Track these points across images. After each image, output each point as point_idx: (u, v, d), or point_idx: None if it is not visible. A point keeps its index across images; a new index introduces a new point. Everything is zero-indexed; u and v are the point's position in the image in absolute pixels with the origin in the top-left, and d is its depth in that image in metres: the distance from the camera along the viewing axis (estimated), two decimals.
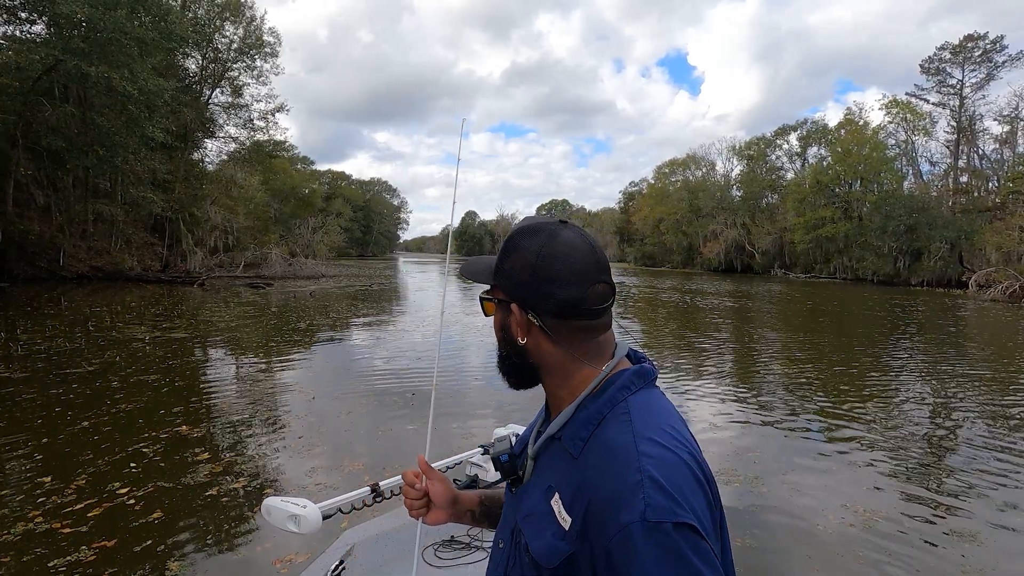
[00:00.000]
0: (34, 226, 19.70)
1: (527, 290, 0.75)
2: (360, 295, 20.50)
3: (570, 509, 0.66)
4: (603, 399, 0.71)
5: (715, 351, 10.10)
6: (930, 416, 6.16)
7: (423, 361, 8.23)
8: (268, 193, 38.82)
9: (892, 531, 3.52)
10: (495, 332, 0.81)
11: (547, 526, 0.68)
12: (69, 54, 17.22)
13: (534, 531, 0.70)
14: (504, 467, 0.80)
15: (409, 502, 0.94)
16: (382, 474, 3.94)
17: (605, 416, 0.70)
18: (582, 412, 0.72)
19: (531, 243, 0.75)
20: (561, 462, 0.71)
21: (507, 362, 0.81)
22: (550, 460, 0.75)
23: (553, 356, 0.76)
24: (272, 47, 30.37)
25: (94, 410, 5.36)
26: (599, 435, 0.68)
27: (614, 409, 0.70)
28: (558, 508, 0.67)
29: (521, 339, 0.76)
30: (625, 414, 0.69)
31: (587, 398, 0.73)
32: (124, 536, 3.18)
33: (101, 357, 7.72)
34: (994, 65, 39.96)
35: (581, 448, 0.69)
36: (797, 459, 4.74)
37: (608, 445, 0.66)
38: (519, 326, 0.76)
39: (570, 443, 0.71)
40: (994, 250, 30.10)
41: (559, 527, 0.66)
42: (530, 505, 0.73)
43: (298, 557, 3.07)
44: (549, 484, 0.71)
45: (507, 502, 0.84)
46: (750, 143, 61.80)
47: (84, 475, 3.93)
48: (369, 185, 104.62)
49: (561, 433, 0.73)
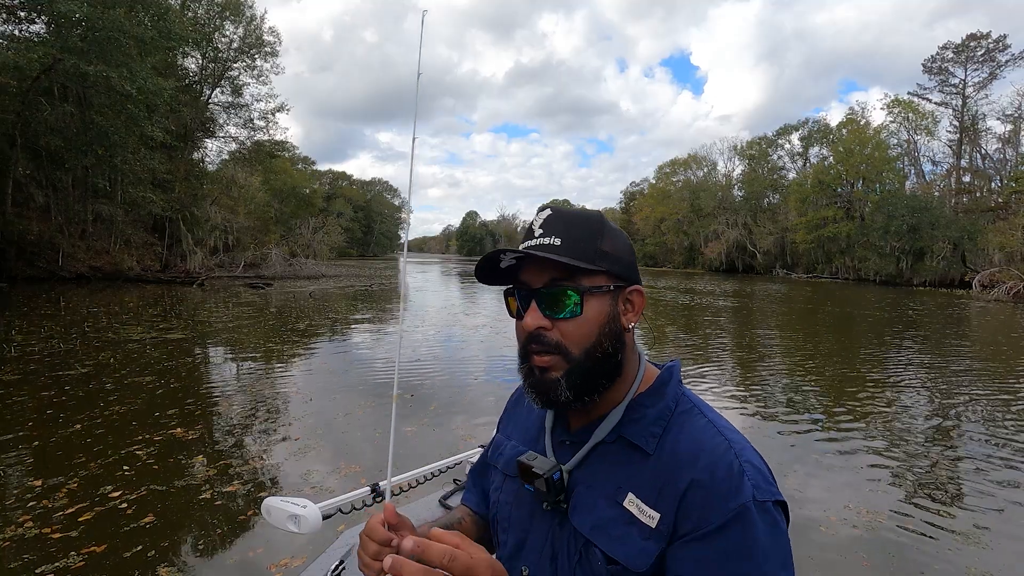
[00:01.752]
0: (33, 226, 19.64)
1: (635, 271, 0.74)
2: (360, 295, 20.45)
3: (656, 505, 0.64)
4: (668, 396, 0.72)
5: (716, 351, 10.03)
6: (934, 417, 6.10)
7: (422, 362, 8.17)
8: (269, 193, 38.81)
9: (896, 532, 3.48)
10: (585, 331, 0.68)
11: (629, 529, 0.65)
12: (67, 53, 17.17)
13: (614, 539, 0.66)
14: (556, 486, 0.70)
15: None
16: (380, 475, 3.86)
17: (674, 411, 0.71)
18: (643, 411, 0.71)
19: (614, 226, 0.74)
20: (626, 463, 0.69)
21: (606, 362, 0.70)
22: (602, 466, 0.71)
23: (630, 348, 0.74)
24: (272, 46, 30.35)
25: (87, 412, 5.28)
26: (675, 429, 0.69)
27: (679, 404, 0.72)
28: (637, 508, 0.65)
29: (630, 326, 0.73)
30: (693, 407, 0.71)
31: (639, 395, 0.73)
32: (114, 541, 3.11)
33: (95, 358, 7.64)
34: (997, 64, 39.92)
35: (656, 444, 0.68)
36: (799, 460, 4.69)
37: (693, 437, 0.67)
38: (636, 312, 0.73)
39: (642, 440, 0.69)
40: (997, 250, 29.99)
41: (644, 527, 0.64)
42: (596, 516, 0.68)
43: (294, 561, 3.00)
44: (617, 487, 0.68)
45: (525, 515, 0.76)
46: (752, 143, 61.81)
47: (76, 478, 3.86)
48: (370, 185, 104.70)
49: (616, 436, 0.71)
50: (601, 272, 0.70)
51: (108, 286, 19.80)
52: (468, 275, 38.28)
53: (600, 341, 0.69)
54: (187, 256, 26.20)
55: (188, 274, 23.91)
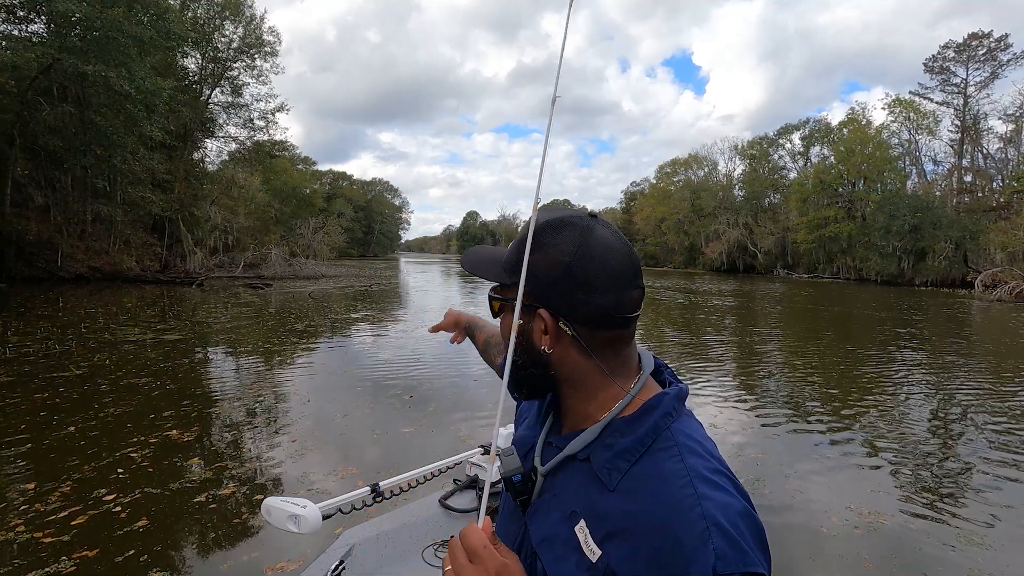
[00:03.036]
0: (32, 226, 19.59)
1: (558, 293, 0.66)
2: (359, 295, 20.40)
3: (602, 544, 0.59)
4: (645, 428, 0.64)
5: (717, 351, 9.98)
6: (936, 417, 6.06)
7: (421, 363, 8.11)
8: (269, 193, 38.75)
9: (897, 533, 3.46)
10: (502, 334, 0.73)
11: (569, 554, 0.62)
12: (66, 53, 17.13)
13: (556, 559, 0.63)
14: (517, 488, 0.70)
15: None
16: (378, 477, 3.82)
17: (649, 447, 0.63)
18: (616, 437, 0.65)
19: (563, 240, 0.66)
20: (588, 487, 0.64)
21: (523, 372, 0.70)
22: (570, 482, 0.67)
23: (581, 369, 0.68)
24: (272, 46, 30.26)
25: (81, 414, 5.22)
26: (643, 468, 0.61)
27: (658, 439, 0.63)
28: (584, 537, 0.61)
29: (548, 348, 0.67)
30: (672, 446, 0.62)
31: (619, 419, 0.66)
32: (107, 545, 3.06)
33: (91, 360, 7.57)
34: (998, 64, 39.87)
35: (619, 480, 0.62)
36: (800, 460, 4.66)
37: (659, 482, 0.59)
38: (547, 334, 0.67)
39: (604, 472, 0.63)
40: (999, 250, 29.92)
41: (584, 558, 0.60)
42: (547, 528, 0.66)
43: (291, 564, 2.96)
44: (573, 510, 0.64)
45: (508, 511, 0.76)
46: (753, 143, 61.77)
47: (69, 482, 3.81)
48: (371, 185, 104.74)
49: (588, 455, 0.66)
50: (509, 286, 0.70)
51: (107, 286, 19.75)
52: (468, 276, 38.18)
53: (519, 350, 0.68)
54: (187, 256, 26.16)
55: (187, 274, 23.84)
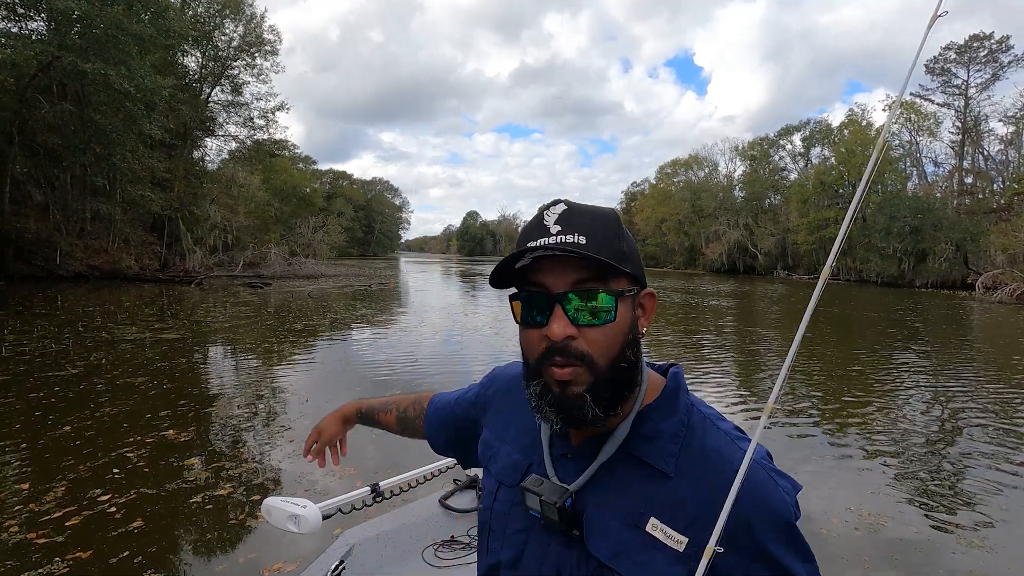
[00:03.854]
0: (31, 224, 19.56)
1: (644, 274, 0.68)
2: (358, 295, 20.36)
3: (685, 530, 0.60)
4: (680, 408, 0.67)
5: (716, 352, 9.94)
6: (937, 418, 6.02)
7: (419, 364, 8.07)
8: (269, 192, 38.70)
9: (898, 534, 3.43)
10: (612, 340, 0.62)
11: (653, 555, 0.60)
12: (65, 51, 17.09)
13: (638, 565, 0.61)
14: (569, 515, 0.64)
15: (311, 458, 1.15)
16: (377, 477, 3.78)
17: (689, 425, 0.65)
18: (653, 425, 0.65)
19: (620, 222, 0.67)
20: (641, 483, 0.63)
21: (630, 372, 0.64)
22: (615, 484, 0.65)
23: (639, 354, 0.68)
24: (272, 45, 30.25)
25: (77, 414, 5.18)
26: (692, 447, 0.64)
27: (692, 416, 0.66)
28: (662, 533, 0.60)
29: (643, 331, 0.68)
30: (704, 419, 0.66)
31: (651, 407, 0.66)
32: (101, 547, 3.03)
33: (88, 359, 7.52)
34: (1000, 65, 39.80)
35: (674, 464, 0.63)
36: (800, 461, 4.64)
37: (715, 456, 0.62)
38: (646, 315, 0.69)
39: (659, 462, 0.63)
40: (1000, 252, 29.87)
41: (670, 551, 0.60)
42: (613, 541, 0.62)
43: (288, 565, 2.92)
44: (637, 510, 0.62)
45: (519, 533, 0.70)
46: (753, 143, 61.72)
47: (64, 482, 3.77)
48: (371, 185, 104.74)
49: (632, 451, 0.65)
50: (625, 274, 0.64)
51: (106, 285, 19.71)
52: (468, 275, 38.24)
53: (623, 350, 0.63)
54: (186, 255, 26.11)
55: (187, 273, 23.80)
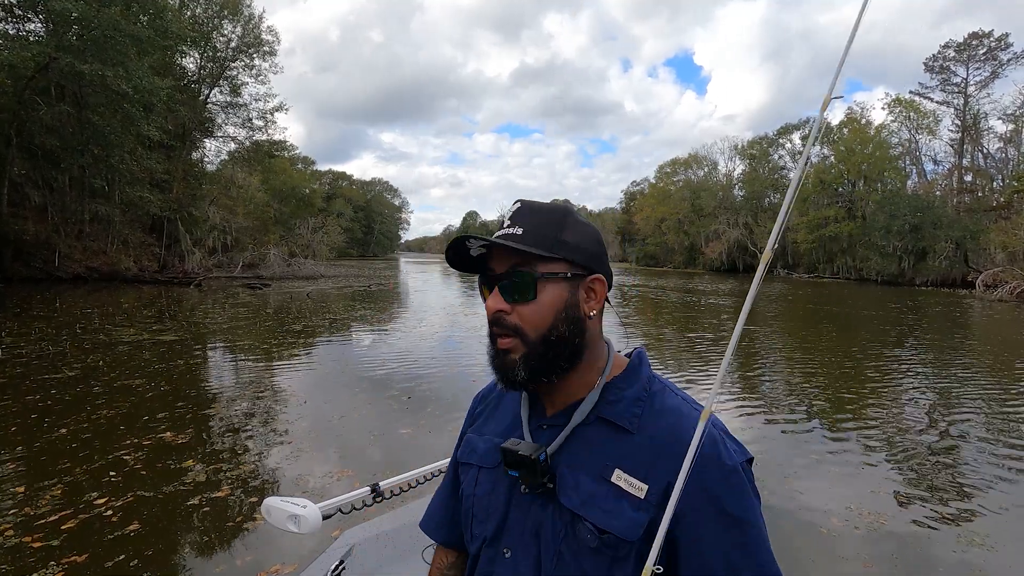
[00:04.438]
0: (29, 226, 19.51)
1: (601, 262, 0.78)
2: (358, 296, 20.33)
3: (645, 478, 0.69)
4: (642, 378, 0.78)
5: (716, 352, 9.92)
6: (937, 418, 5.99)
7: (419, 364, 8.04)
8: (268, 193, 38.67)
9: (898, 534, 3.41)
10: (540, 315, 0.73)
11: (618, 501, 0.69)
12: (63, 52, 17.05)
13: (605, 512, 0.69)
14: (543, 467, 0.73)
15: None
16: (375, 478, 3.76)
17: (650, 391, 0.76)
18: (619, 392, 0.76)
19: (581, 218, 0.78)
20: (608, 441, 0.73)
21: (562, 345, 0.75)
22: (584, 447, 0.74)
23: (596, 334, 0.78)
24: (271, 46, 30.23)
25: (73, 416, 5.15)
26: (654, 408, 0.74)
27: (653, 385, 0.77)
28: (626, 482, 0.69)
29: (592, 313, 0.77)
30: (664, 388, 0.78)
31: (617, 379, 0.77)
32: (96, 550, 3.00)
33: (85, 361, 7.49)
34: (999, 63, 39.81)
35: (638, 423, 0.73)
36: (800, 461, 4.62)
37: (672, 414, 0.73)
38: (597, 299, 0.77)
39: (624, 420, 0.73)
40: (1000, 250, 29.85)
41: (634, 498, 0.68)
42: (582, 493, 0.71)
43: (284, 568, 2.90)
44: (603, 464, 0.71)
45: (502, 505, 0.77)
46: (753, 142, 61.72)
47: (60, 485, 3.75)
48: (370, 185, 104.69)
49: (595, 417, 0.75)
50: (559, 260, 0.74)
51: (105, 287, 19.68)
52: (468, 276, 38.09)
53: (556, 325, 0.73)
54: (185, 256, 26.08)
55: (186, 275, 23.76)
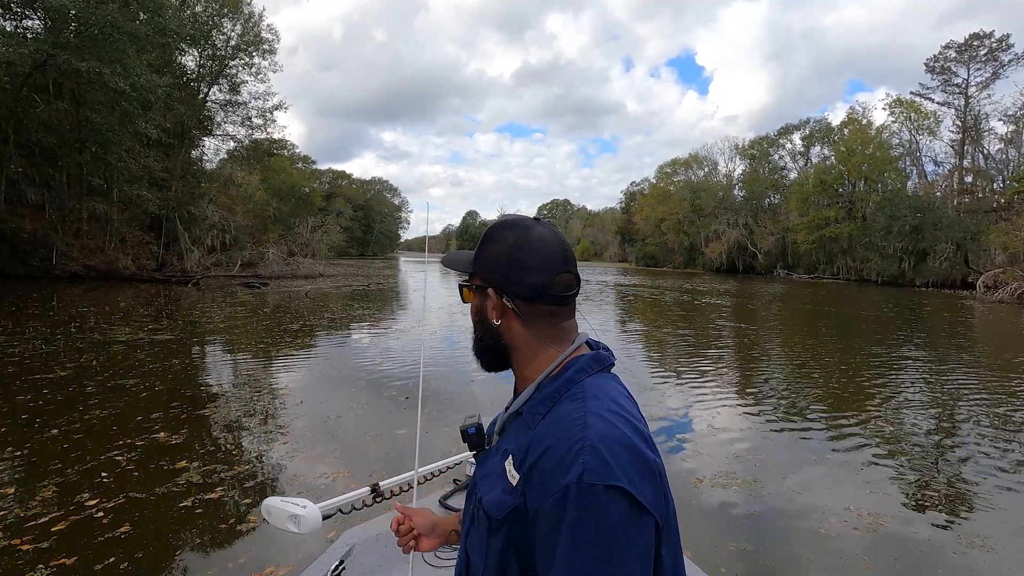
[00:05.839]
0: (26, 224, 19.43)
1: (501, 275, 0.83)
2: (356, 295, 20.26)
3: (519, 468, 0.73)
4: (562, 380, 0.79)
5: (716, 352, 9.87)
6: (937, 419, 5.96)
7: (416, 364, 7.99)
8: (267, 192, 38.58)
9: (898, 535, 3.39)
10: (471, 317, 0.89)
11: (499, 483, 0.76)
12: (60, 49, 16.97)
13: (488, 487, 0.78)
14: (471, 438, 0.89)
15: (400, 540, 1.04)
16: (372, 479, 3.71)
17: (563, 395, 0.77)
18: (542, 390, 0.80)
19: (507, 235, 0.83)
20: (520, 432, 0.79)
21: (481, 343, 0.88)
22: (512, 432, 0.82)
23: (522, 337, 0.83)
24: (270, 44, 30.08)
25: (65, 417, 5.08)
26: (555, 411, 0.75)
27: (571, 389, 0.77)
28: (509, 468, 0.75)
29: (496, 320, 0.84)
30: (580, 394, 0.76)
31: (547, 378, 0.81)
32: (86, 553, 2.95)
33: (78, 360, 7.41)
34: (1000, 64, 39.79)
35: (538, 421, 0.76)
36: (799, 461, 4.60)
37: (561, 419, 0.73)
38: (494, 308, 0.84)
39: (529, 416, 0.78)
40: (1000, 251, 29.82)
41: (508, 483, 0.74)
42: (487, 468, 0.82)
43: (279, 570, 2.87)
44: (506, 448, 0.79)
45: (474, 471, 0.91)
46: (753, 143, 61.65)
47: (51, 486, 3.69)
48: (370, 184, 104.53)
49: (523, 408, 0.81)
50: (474, 273, 0.87)
51: (102, 285, 19.59)
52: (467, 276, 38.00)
53: (476, 327, 0.89)
54: (183, 255, 25.97)
55: (184, 273, 23.67)
